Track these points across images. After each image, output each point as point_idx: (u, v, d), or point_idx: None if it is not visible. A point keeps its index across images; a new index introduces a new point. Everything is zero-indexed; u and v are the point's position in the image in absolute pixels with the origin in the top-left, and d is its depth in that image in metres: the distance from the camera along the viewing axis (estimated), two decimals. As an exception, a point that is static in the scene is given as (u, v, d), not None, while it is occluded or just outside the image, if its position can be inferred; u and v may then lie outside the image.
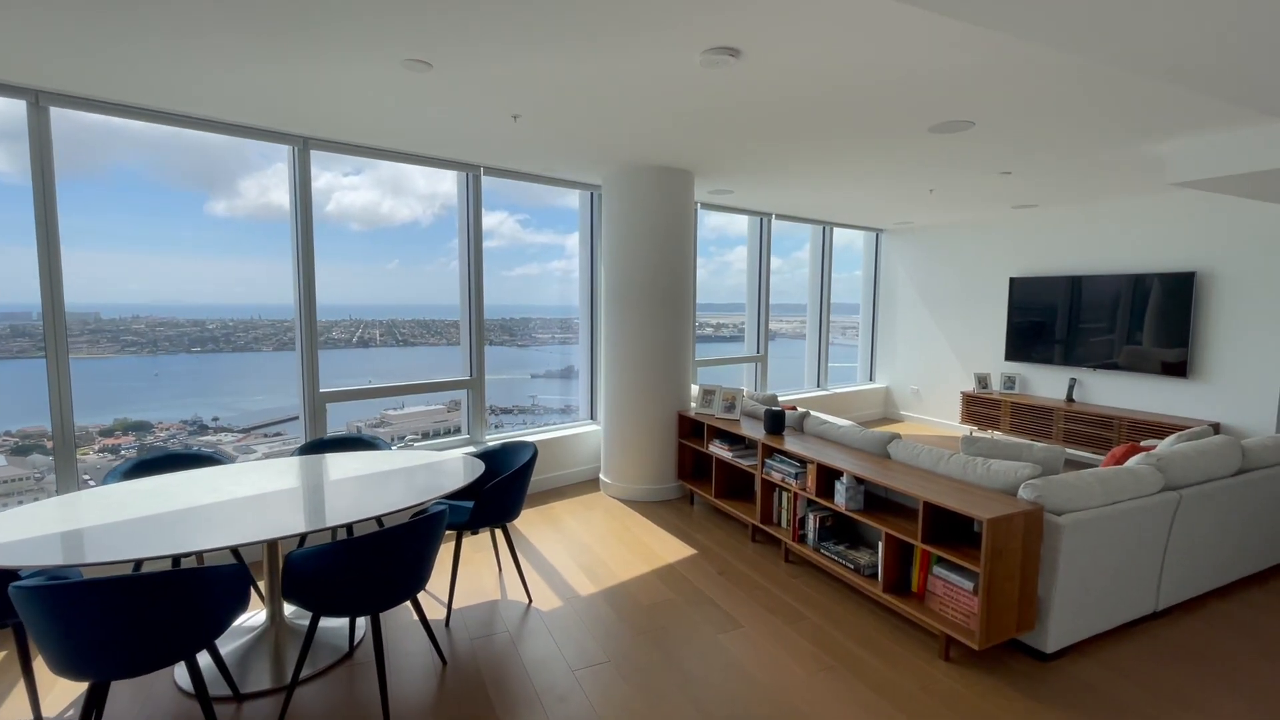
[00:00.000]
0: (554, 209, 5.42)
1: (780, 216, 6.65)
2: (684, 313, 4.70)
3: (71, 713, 2.27)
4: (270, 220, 4.00)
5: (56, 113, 2.99)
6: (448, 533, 3.96)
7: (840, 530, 3.49)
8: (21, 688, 2.38)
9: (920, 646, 2.78)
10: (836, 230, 7.49)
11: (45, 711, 2.27)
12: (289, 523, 2.23)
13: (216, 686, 2.39)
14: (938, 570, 2.76)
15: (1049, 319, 6.14)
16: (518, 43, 2.35)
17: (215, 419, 4.03)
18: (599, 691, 2.44)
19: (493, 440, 4.75)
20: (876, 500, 3.29)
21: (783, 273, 7.45)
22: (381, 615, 2.97)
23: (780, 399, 6.92)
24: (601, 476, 4.91)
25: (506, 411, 5.17)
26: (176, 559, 2.80)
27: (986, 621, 2.47)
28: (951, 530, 2.85)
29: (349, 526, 3.07)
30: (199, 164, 3.90)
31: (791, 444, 3.66)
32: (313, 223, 3.83)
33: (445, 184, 4.64)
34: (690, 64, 2.51)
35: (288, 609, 2.90)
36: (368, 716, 2.27)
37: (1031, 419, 6.00)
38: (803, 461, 3.52)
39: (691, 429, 4.73)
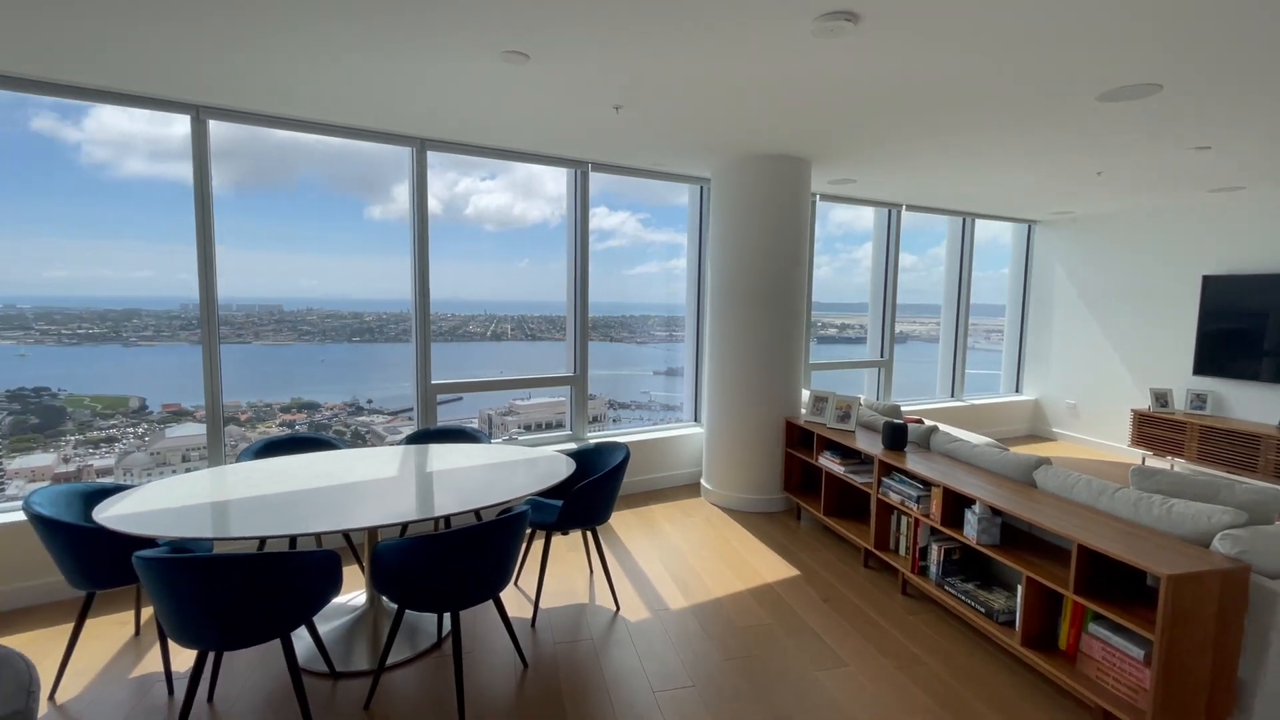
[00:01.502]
0: (675, 208, 5.35)
1: (911, 208, 6.04)
2: (796, 312, 4.37)
3: (199, 670, 2.49)
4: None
5: (250, 132, 3.35)
6: (538, 532, 3.97)
7: (970, 566, 3.03)
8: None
9: (1068, 717, 2.31)
10: (979, 222, 6.69)
11: (177, 666, 2.51)
12: (386, 512, 2.28)
13: (318, 662, 2.52)
14: (1095, 628, 2.28)
15: (1255, 326, 5.03)
16: (615, 22, 2.22)
17: (369, 401, 4.43)
18: (679, 718, 2.27)
19: (595, 437, 4.72)
20: (1017, 535, 2.82)
21: (917, 270, 6.81)
22: (467, 610, 3.00)
23: (905, 410, 6.31)
24: (703, 482, 4.71)
25: (624, 406, 5.21)
26: (293, 538, 3.01)
27: (1162, 701, 1.99)
28: (1115, 581, 2.34)
29: (447, 518, 3.14)
30: (361, 173, 4.28)
31: (914, 463, 3.25)
32: (428, 221, 3.99)
33: (573, 185, 4.71)
34: (801, 33, 2.25)
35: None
36: (445, 712, 2.27)
37: (1229, 447, 4.95)
38: (927, 484, 3.11)
39: (800, 438, 4.40)
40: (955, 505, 2.94)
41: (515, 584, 3.28)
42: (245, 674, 2.47)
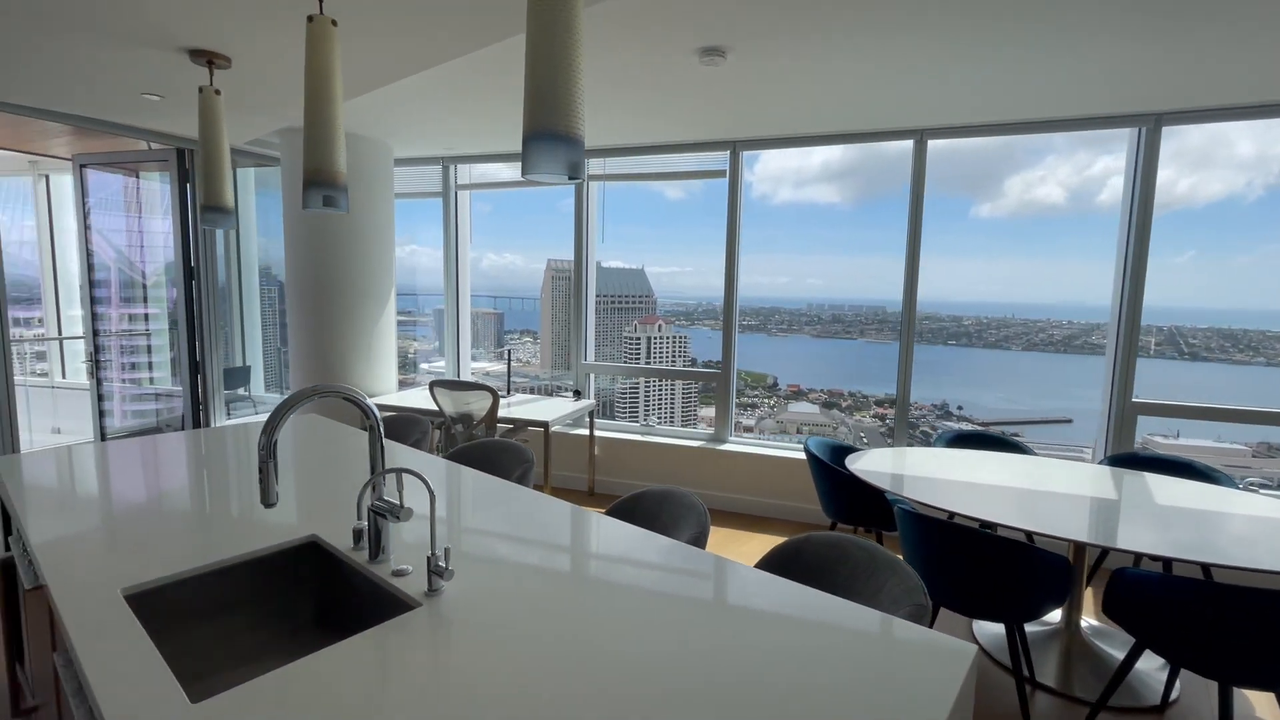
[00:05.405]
0: None
1: None
2: None
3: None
4: (1030, 216, 3.92)
5: (864, 151, 3.76)
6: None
7: None
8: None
9: None
10: None
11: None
12: (1119, 535, 2.05)
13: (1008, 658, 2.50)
14: None
15: None
16: None
17: (959, 407, 4.31)
18: None
19: None
20: None
21: None
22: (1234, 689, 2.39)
23: None
24: None
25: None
26: (983, 524, 3.09)
27: None
28: None
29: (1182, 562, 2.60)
30: (966, 173, 4.13)
31: None
32: (1151, 213, 3.36)
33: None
34: None
35: (1085, 622, 2.72)
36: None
37: None
38: None
39: None
40: None
41: None
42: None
